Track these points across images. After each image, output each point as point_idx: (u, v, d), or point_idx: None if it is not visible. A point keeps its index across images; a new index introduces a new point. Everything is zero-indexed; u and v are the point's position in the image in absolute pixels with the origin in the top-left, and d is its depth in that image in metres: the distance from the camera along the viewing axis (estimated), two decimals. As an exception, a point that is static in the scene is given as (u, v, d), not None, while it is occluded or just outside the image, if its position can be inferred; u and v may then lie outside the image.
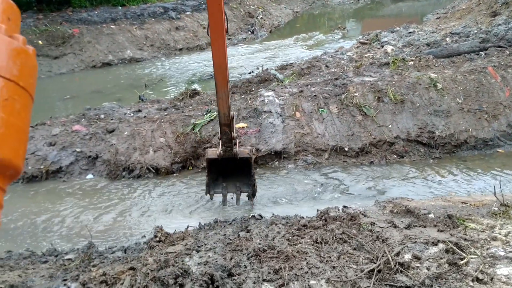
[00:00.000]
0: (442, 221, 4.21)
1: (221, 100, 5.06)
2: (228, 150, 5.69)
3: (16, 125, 1.14)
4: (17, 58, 1.17)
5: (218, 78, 4.78)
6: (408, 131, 7.78)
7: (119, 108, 9.21)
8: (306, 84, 9.02)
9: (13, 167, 1.14)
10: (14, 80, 1.14)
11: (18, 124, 1.15)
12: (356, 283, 3.20)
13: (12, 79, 1.14)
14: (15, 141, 1.14)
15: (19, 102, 1.16)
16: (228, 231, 4.40)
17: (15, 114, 1.14)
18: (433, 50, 10.95)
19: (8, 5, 1.24)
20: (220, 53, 4.51)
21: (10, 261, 4.44)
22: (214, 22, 4.13)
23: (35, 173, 7.29)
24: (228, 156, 5.79)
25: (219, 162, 5.97)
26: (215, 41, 4.37)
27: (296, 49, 17.10)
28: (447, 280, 3.23)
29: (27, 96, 1.21)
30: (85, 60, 16.01)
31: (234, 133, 5.59)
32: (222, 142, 5.65)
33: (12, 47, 1.16)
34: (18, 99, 1.15)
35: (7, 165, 1.12)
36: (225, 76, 4.76)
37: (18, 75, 1.16)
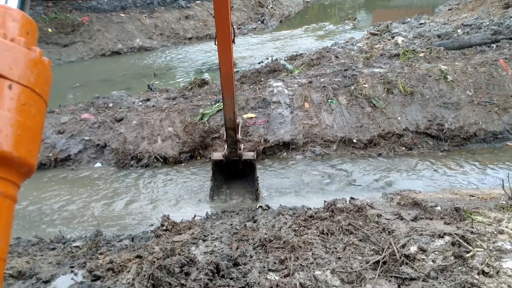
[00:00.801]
0: (449, 214, 4.19)
1: (227, 106, 5.24)
2: (233, 152, 5.90)
3: (32, 128, 1.27)
4: (34, 68, 1.31)
5: (225, 86, 4.92)
6: (417, 123, 7.73)
7: (127, 97, 9.23)
8: (315, 74, 8.98)
9: (28, 165, 1.26)
10: (31, 87, 1.27)
11: (33, 127, 1.28)
12: (361, 274, 3.20)
13: (29, 86, 1.26)
14: (30, 142, 1.26)
15: (35, 107, 1.28)
16: (235, 221, 4.42)
17: (31, 118, 1.26)
18: (444, 42, 10.84)
19: (27, 20, 1.39)
20: (227, 64, 4.61)
21: (18, 248, 4.49)
22: (221, 34, 4.22)
23: (43, 160, 7.34)
24: (233, 158, 6.02)
25: (224, 164, 6.21)
26: (222, 53, 4.46)
27: (306, 40, 17.00)
28: (453, 272, 3.23)
29: (42, 102, 1.34)
30: (94, 48, 16.03)
31: (239, 136, 5.80)
32: (228, 144, 5.87)
33: (30, 57, 1.30)
34: (34, 104, 1.28)
35: (23, 163, 1.23)
36: (231, 85, 4.90)
37: (34, 83, 1.29)
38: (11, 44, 1.26)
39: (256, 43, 17.09)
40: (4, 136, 1.17)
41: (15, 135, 1.20)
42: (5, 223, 1.22)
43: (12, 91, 1.21)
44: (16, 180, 1.26)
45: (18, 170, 1.24)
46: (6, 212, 1.22)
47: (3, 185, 1.20)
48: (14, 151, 1.18)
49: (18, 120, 1.21)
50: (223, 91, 4.98)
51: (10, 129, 1.19)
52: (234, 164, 6.27)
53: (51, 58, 14.95)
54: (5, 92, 1.20)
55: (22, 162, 1.23)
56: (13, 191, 1.25)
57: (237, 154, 5.98)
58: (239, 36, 18.74)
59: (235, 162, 6.21)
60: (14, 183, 1.25)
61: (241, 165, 6.27)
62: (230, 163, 6.22)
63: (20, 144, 1.21)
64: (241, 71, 11.72)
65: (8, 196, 1.23)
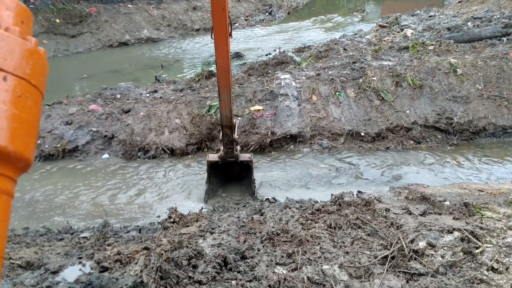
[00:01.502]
0: (458, 209, 4.17)
1: (223, 102, 5.02)
2: (229, 152, 5.66)
3: (28, 120, 1.23)
4: (30, 58, 1.27)
5: (221, 81, 4.75)
6: (425, 117, 7.68)
7: (135, 88, 9.22)
8: (323, 67, 8.92)
9: (24, 159, 1.22)
10: (27, 79, 1.23)
11: (29, 119, 1.24)
12: (370, 269, 3.19)
13: (24, 78, 1.23)
14: (26, 135, 1.22)
15: (31, 99, 1.25)
16: (242, 214, 4.41)
17: (27, 110, 1.22)
18: (454, 35, 10.73)
19: (22, 9, 1.35)
20: (224, 58, 4.48)
21: (26, 238, 4.51)
22: (218, 26, 4.12)
23: (51, 151, 7.36)
24: (229, 158, 5.77)
25: (220, 166, 5.99)
26: (219, 46, 4.35)
27: (314, 32, 16.90)
28: (462, 268, 3.21)
29: (38, 94, 1.30)
30: (102, 39, 16.04)
31: (236, 135, 5.57)
32: (224, 144, 5.61)
33: (25, 48, 1.27)
34: (29, 96, 1.24)
35: (19, 157, 1.20)
36: (228, 79, 4.73)
37: (30, 74, 1.25)
38: (5, 34, 1.22)
39: (263, 34, 17.01)
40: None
41: (10, 129, 1.16)
42: (2, 219, 1.19)
43: (7, 83, 1.18)
44: (13, 175, 1.22)
45: (14, 164, 1.21)
46: (2, 208, 1.19)
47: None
48: (9, 145, 1.15)
49: (14, 113, 1.17)
50: (219, 86, 4.81)
51: (6, 122, 1.15)
52: (230, 167, 6.07)
53: (59, 49, 15.01)
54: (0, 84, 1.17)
55: (18, 156, 1.19)
56: (10, 186, 1.21)
57: (233, 155, 5.73)
58: (246, 27, 18.67)
59: (232, 165, 6.01)
60: (10, 178, 1.21)
61: (237, 168, 6.09)
62: (226, 165, 6.00)
63: (16, 138, 1.18)
64: (249, 63, 11.68)
65: (4, 191, 1.19)
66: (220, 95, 4.91)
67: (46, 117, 7.83)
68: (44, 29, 15.48)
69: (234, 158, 5.77)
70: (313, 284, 3.05)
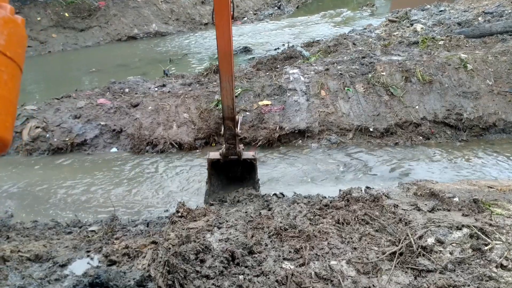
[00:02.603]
0: (467, 206, 4.13)
1: (225, 90, 4.60)
2: (232, 148, 5.18)
3: (3, 96, 1.11)
4: (4, 28, 1.14)
5: (223, 66, 4.39)
6: (435, 113, 7.62)
7: (143, 82, 9.23)
8: (332, 62, 8.88)
9: (1, 139, 1.10)
10: (1, 50, 1.11)
11: (5, 95, 1.12)
12: (377, 265, 3.18)
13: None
14: (2, 113, 1.10)
15: (6, 73, 1.13)
16: (250, 209, 4.40)
17: (2, 85, 1.11)
18: (465, 30, 10.62)
19: None
20: (225, 39, 4.18)
21: (35, 231, 4.54)
22: (219, 5, 3.89)
23: (60, 145, 7.40)
24: (231, 156, 5.29)
25: (221, 165, 5.54)
26: (220, 26, 4.06)
27: (323, 26, 16.80)
28: (470, 265, 3.19)
29: (15, 67, 1.18)
30: (111, 33, 16.06)
31: (239, 130, 5.10)
32: (225, 139, 5.15)
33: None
34: (5, 70, 1.12)
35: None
36: (229, 64, 4.37)
37: (5, 45, 1.12)
38: None
39: (272, 29, 16.94)
40: None
41: None
42: None
43: None
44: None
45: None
46: None
47: None
48: None
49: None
50: (220, 72, 4.46)
51: None
52: (232, 166, 5.63)
53: (67, 42, 15.06)
54: None
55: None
56: None
57: (236, 151, 5.24)
58: (255, 21, 18.61)
59: (234, 165, 5.59)
60: None
61: (240, 168, 5.65)
62: (228, 165, 5.54)
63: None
64: (257, 58, 11.65)
65: None
66: (221, 82, 4.56)
67: (55, 110, 7.87)
68: (53, 23, 15.53)
69: (236, 155, 5.33)
70: (320, 279, 3.04)
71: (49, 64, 13.72)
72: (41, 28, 15.34)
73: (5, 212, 5.41)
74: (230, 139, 5.08)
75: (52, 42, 15.16)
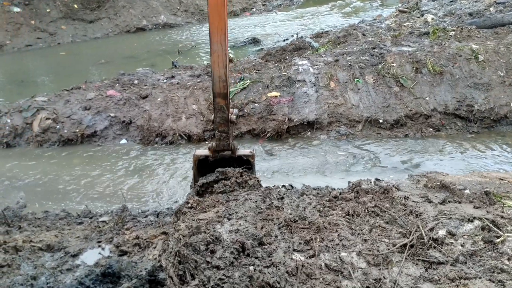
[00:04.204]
0: (478, 198, 4.10)
1: (216, 55, 3.65)
2: (224, 139, 4.22)
3: None
4: None
5: (213, 21, 3.50)
6: (445, 104, 7.56)
7: (152, 74, 9.24)
8: (341, 53, 8.82)
9: None
10: None
11: None
12: (388, 257, 3.17)
13: None
14: None
15: None
16: (259, 200, 4.40)
17: None
18: (476, 20, 10.50)
19: None
20: None
21: (46, 221, 4.58)
22: None
23: (70, 136, 7.45)
24: (223, 150, 4.35)
25: (211, 164, 4.59)
26: None
27: (332, 17, 16.70)
28: (482, 257, 3.17)
29: None
30: (120, 24, 16.07)
31: (233, 116, 4.11)
32: (216, 124, 4.16)
33: None
34: None
35: None
36: (222, 19, 3.50)
37: None
38: None
39: (281, 20, 16.86)
40: None
41: None
42: None
43: None
44: None
45: None
46: None
47: None
48: None
49: None
50: (210, 29, 3.59)
51: None
52: (224, 165, 4.53)
53: (77, 34, 15.11)
54: None
55: None
56: None
57: (228, 143, 4.27)
58: (263, 12, 18.52)
59: (226, 164, 4.53)
60: None
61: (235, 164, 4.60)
62: (219, 163, 4.52)
63: None
64: (266, 49, 11.61)
65: None
66: (211, 44, 3.62)
67: (65, 102, 7.90)
68: (62, 15, 15.56)
69: (229, 149, 4.34)
70: (330, 271, 3.04)
71: (58, 56, 13.78)
72: (51, 19, 15.37)
73: (17, 203, 5.45)
74: (222, 125, 4.13)
75: (62, 34, 15.20)
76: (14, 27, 14.86)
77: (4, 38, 14.52)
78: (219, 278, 2.79)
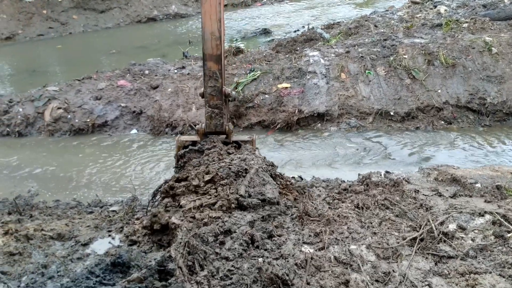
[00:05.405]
0: (489, 192, 4.08)
1: (207, 4, 2.92)
2: (216, 116, 3.30)
3: None
4: None
5: None
6: (458, 97, 7.48)
7: (163, 64, 9.24)
8: (353, 44, 8.75)
9: None
10: None
11: None
12: (398, 250, 3.16)
13: None
14: None
15: None
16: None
17: None
18: (490, 12, 10.34)
19: None
20: None
21: (57, 210, 4.62)
22: None
23: (81, 126, 7.50)
24: (215, 131, 3.47)
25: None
26: None
27: (344, 8, 16.56)
28: (492, 252, 3.15)
29: None
30: (131, 14, 16.08)
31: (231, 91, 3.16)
32: (207, 96, 3.27)
33: None
34: None
35: None
36: None
37: None
38: None
39: (292, 11, 16.76)
40: None
41: None
42: None
43: None
44: None
45: None
46: None
47: None
48: None
49: None
50: None
51: None
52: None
53: (88, 24, 15.16)
54: None
55: None
56: None
57: (222, 123, 3.37)
58: (275, 3, 18.40)
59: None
60: None
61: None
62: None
63: None
64: (277, 40, 11.55)
65: None
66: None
67: (76, 92, 7.95)
68: (73, 4, 15.60)
69: (223, 133, 3.45)
70: (340, 263, 3.04)
71: (70, 45, 13.83)
72: (62, 9, 15.42)
73: (28, 191, 5.51)
74: (214, 97, 3.15)
75: (73, 24, 15.26)
76: (26, 17, 14.93)
77: (16, 28, 14.61)
78: (228, 269, 2.80)
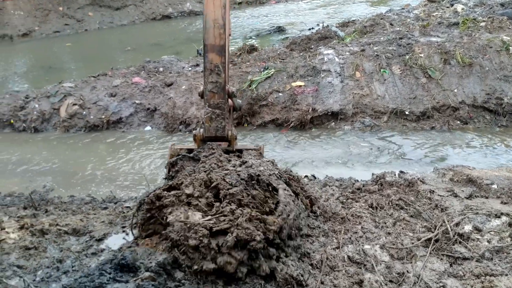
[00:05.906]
0: (506, 193, 4.02)
1: None
2: (217, 118, 2.87)
3: None
4: None
5: None
6: (474, 96, 7.39)
7: (177, 62, 9.28)
8: (368, 42, 8.68)
9: None
10: None
11: None
12: (412, 251, 3.13)
13: None
14: None
15: None
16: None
17: None
18: (508, 11, 10.20)
19: None
20: None
21: (72, 206, 4.66)
22: None
23: (96, 122, 7.56)
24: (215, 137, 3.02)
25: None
26: None
27: (359, 6, 16.47)
28: (509, 254, 3.11)
29: None
30: (146, 12, 16.16)
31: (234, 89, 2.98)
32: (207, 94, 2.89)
33: None
34: None
35: None
36: None
37: None
38: None
39: (307, 8, 16.71)
40: None
41: None
42: None
43: None
44: None
45: None
46: None
47: None
48: None
49: None
50: None
51: None
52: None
53: (103, 21, 15.27)
54: None
55: None
56: None
57: (223, 127, 2.91)
58: (289, 1, 18.35)
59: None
60: None
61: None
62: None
63: None
64: (291, 38, 11.51)
65: None
66: None
67: (91, 88, 8.01)
68: (89, 1, 15.73)
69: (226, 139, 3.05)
70: (353, 263, 3.03)
71: (85, 42, 13.94)
72: (78, 6, 15.55)
73: (44, 186, 5.57)
74: (215, 95, 2.78)
75: (89, 21, 15.38)
76: (42, 14, 15.09)
77: (33, 24, 14.77)
78: (241, 268, 2.79)
